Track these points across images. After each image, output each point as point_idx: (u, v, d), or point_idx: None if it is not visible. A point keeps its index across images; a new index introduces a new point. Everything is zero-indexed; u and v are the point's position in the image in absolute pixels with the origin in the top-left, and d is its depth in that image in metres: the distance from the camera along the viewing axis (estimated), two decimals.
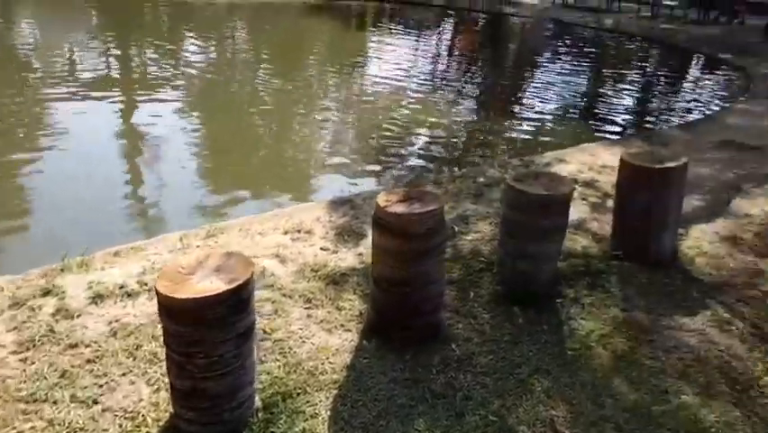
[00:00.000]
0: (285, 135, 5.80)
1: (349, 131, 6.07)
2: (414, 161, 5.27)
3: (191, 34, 11.32)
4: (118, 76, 7.91)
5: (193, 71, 8.16)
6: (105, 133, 5.48)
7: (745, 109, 6.76)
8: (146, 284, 2.57)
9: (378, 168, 5.04)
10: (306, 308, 2.48)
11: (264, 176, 4.84)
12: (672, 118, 7.17)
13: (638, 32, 13.31)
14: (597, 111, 7.33)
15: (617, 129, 6.58)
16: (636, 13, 15.14)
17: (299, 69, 8.67)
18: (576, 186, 4.01)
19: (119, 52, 9.25)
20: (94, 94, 6.69)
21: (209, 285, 1.65)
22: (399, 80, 8.26)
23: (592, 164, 4.51)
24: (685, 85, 9.26)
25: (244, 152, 5.32)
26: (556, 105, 7.45)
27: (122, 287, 2.54)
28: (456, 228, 3.24)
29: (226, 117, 6.35)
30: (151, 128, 5.66)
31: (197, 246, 2.95)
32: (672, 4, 15.04)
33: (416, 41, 12.27)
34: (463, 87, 8.32)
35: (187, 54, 9.31)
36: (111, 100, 6.56)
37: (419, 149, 5.58)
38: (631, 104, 7.92)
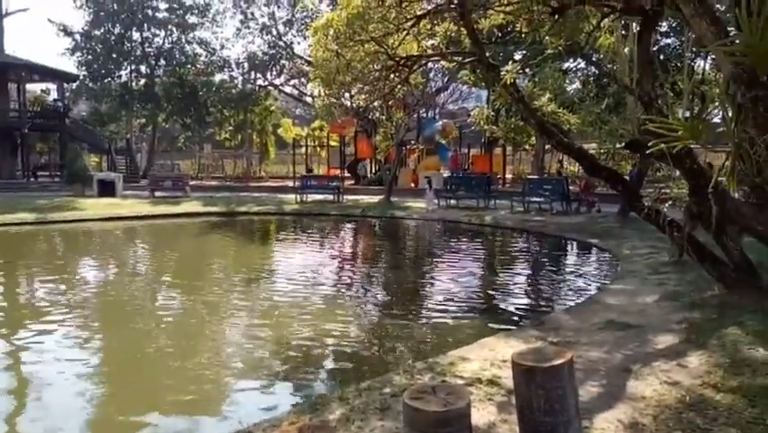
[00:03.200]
0: (184, 353, 5.44)
1: (252, 347, 5.83)
2: (319, 376, 5.07)
3: (89, 258, 11.07)
4: (4, 305, 7.35)
5: (89, 295, 7.79)
6: None
7: (619, 289, 7.34)
8: None
9: (281, 386, 4.78)
10: None
11: (158, 402, 4.41)
12: (561, 300, 7.64)
13: (514, 224, 14.73)
14: (491, 302, 7.67)
15: (513, 318, 6.84)
16: (510, 210, 16.96)
17: (201, 286, 8.53)
18: (480, 386, 3.99)
19: (3, 280, 8.73)
20: None
21: None
22: (304, 288, 8.33)
23: (493, 359, 4.55)
24: (564, 268, 10.08)
25: (140, 376, 4.89)
26: (454, 301, 7.71)
27: None
28: None
29: (123, 340, 5.93)
30: (40, 361, 5.12)
31: None
32: (539, 200, 17.10)
33: (319, 247, 12.77)
34: (366, 290, 8.50)
35: (83, 279, 8.97)
36: None
37: (324, 362, 5.42)
38: (520, 291, 8.40)
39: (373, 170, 29.65)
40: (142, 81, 34.60)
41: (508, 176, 28.68)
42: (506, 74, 7.93)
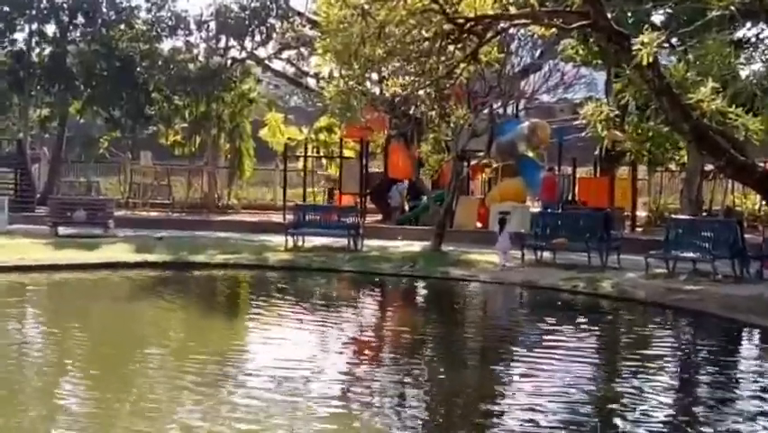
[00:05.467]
0: None
1: None
2: None
3: None
4: None
5: None
6: None
7: None
8: None
9: None
10: None
11: None
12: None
13: (651, 297, 14.53)
14: (617, 426, 7.57)
15: None
16: (645, 271, 16.78)
17: (120, 396, 8.60)
18: None
19: None
20: None
21: None
22: (296, 388, 8.37)
23: None
24: (739, 380, 9.85)
25: None
26: (549, 419, 7.63)
27: None
28: None
29: None
30: None
31: None
32: (694, 255, 16.86)
33: (322, 329, 12.72)
34: (400, 399, 8.47)
35: None
36: None
37: None
38: (665, 414, 8.23)
39: (412, 199, 29.68)
40: (47, 50, 35.47)
41: (641, 213, 28.46)
42: (641, 48, 8.02)
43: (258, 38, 36.54)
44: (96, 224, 23.21)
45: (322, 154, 37.22)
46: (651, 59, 7.98)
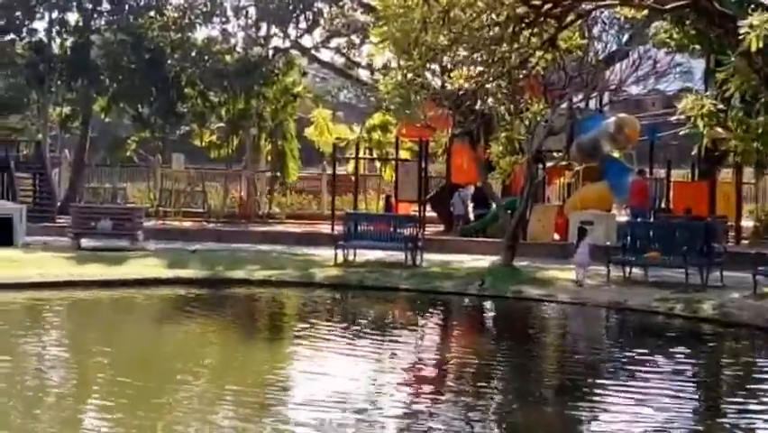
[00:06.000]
0: None
1: None
2: None
3: None
4: None
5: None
6: None
7: None
8: None
9: None
10: None
11: None
12: None
13: (758, 320, 14.25)
14: None
15: None
16: (753, 291, 16.33)
17: (165, 409, 8.56)
18: None
19: None
20: None
21: None
22: (346, 426, 8.35)
23: None
24: None
25: None
26: None
27: None
28: None
29: None
30: None
31: None
32: None
33: (377, 351, 12.69)
34: None
35: None
36: None
37: None
38: None
39: (477, 206, 29.33)
40: (70, 40, 36.08)
41: (747, 223, 27.97)
42: (748, 31, 7.72)
43: (303, 25, 36.61)
44: (123, 235, 23.44)
45: (375, 156, 37.05)
46: (760, 45, 7.66)
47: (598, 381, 11.21)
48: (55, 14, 35.70)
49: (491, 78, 15.73)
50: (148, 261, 20.28)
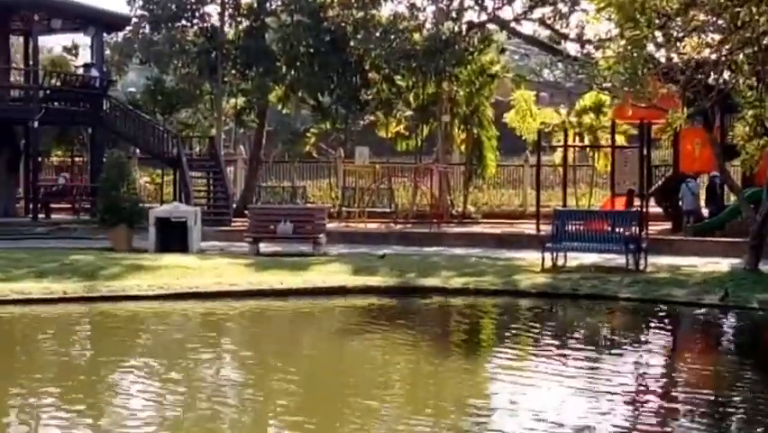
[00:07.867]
0: None
1: None
2: None
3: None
4: None
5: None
6: None
7: None
8: None
9: None
10: None
11: None
12: None
13: None
14: None
15: None
16: None
17: None
18: None
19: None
20: None
21: None
22: None
23: None
24: None
25: None
26: None
27: None
28: None
29: None
30: None
31: None
32: None
33: (594, 372, 12.34)
34: None
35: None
36: None
37: None
38: None
39: (710, 200, 28.92)
40: (243, 25, 37.40)
41: None
42: None
43: None
44: (305, 239, 24.11)
45: (586, 143, 36.25)
46: None
47: None
48: None
49: (735, 47, 15.00)
50: (332, 267, 20.68)
